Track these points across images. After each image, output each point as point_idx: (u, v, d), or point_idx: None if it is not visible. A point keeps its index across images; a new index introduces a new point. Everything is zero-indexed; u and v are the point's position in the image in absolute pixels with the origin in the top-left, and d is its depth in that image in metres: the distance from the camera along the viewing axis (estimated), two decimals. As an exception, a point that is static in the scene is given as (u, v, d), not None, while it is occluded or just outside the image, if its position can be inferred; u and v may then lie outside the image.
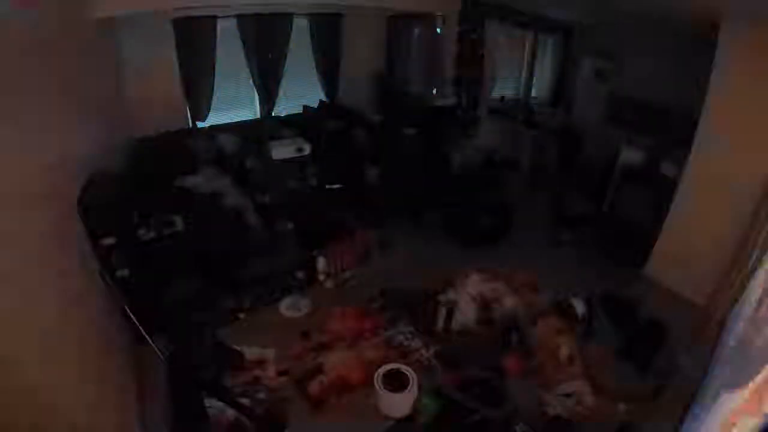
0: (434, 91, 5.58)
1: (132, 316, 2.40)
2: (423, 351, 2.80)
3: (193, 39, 4.10)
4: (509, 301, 3.03)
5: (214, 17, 4.14)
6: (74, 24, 2.67)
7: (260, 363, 2.60)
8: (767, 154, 2.93)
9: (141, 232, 2.75)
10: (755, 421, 0.83)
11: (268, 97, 4.81)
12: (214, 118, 4.58)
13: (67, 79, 2.31)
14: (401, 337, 2.90)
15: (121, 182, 2.67)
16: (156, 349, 2.40)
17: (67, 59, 2.39)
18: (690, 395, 1.54)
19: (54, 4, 2.25)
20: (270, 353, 2.68)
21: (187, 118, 4.43)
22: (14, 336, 1.29)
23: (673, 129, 4.23)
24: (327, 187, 4.03)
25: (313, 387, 2.49)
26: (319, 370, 2.60)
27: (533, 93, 6.66)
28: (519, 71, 6.42)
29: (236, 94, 4.80)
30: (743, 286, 2.70)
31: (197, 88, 4.29)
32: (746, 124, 3.00)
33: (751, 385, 0.96)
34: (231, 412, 2.15)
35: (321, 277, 3.46)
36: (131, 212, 2.74)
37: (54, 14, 2.23)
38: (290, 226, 3.67)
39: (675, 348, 2.79)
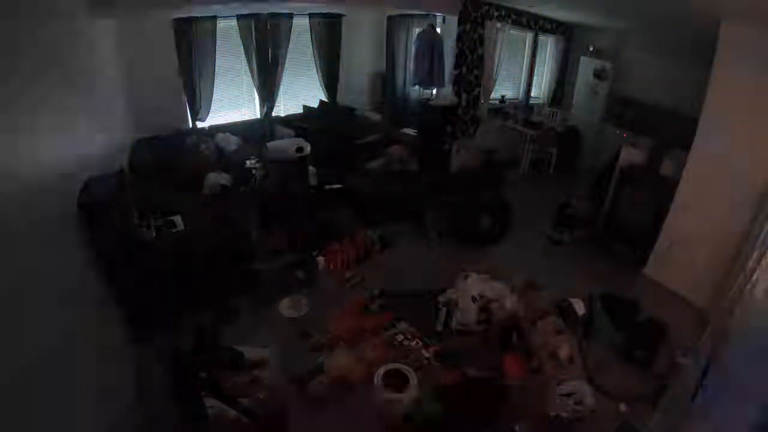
0: (434, 91, 5.59)
1: (132, 317, 2.40)
2: (423, 351, 2.79)
3: (193, 39, 4.10)
4: (509, 301, 3.03)
5: (214, 17, 4.14)
6: (74, 23, 2.67)
7: (260, 363, 2.60)
8: (766, 154, 2.94)
9: (141, 232, 2.75)
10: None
11: (268, 97, 4.81)
12: (214, 118, 4.58)
13: (67, 80, 2.31)
14: (401, 337, 2.90)
15: (121, 182, 2.67)
16: (156, 349, 2.40)
17: (67, 59, 2.39)
18: (690, 395, 1.54)
19: (54, 4, 2.25)
20: (270, 353, 2.68)
21: (188, 118, 4.44)
22: (14, 336, 1.29)
23: (673, 129, 4.22)
24: (327, 187, 4.03)
25: (313, 387, 2.49)
26: (319, 370, 2.60)
27: (533, 93, 6.66)
28: (519, 71, 6.42)
29: (236, 94, 4.81)
30: (743, 286, 2.70)
31: (197, 88, 4.30)
32: (746, 123, 3.00)
33: (749, 381, 0.96)
34: (231, 412, 2.14)
35: (321, 277, 3.46)
36: (131, 212, 2.74)
37: (54, 14, 2.23)
38: (291, 225, 3.67)
39: (675, 348, 2.79)
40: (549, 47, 6.42)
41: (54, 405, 1.46)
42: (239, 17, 4.32)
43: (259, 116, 4.92)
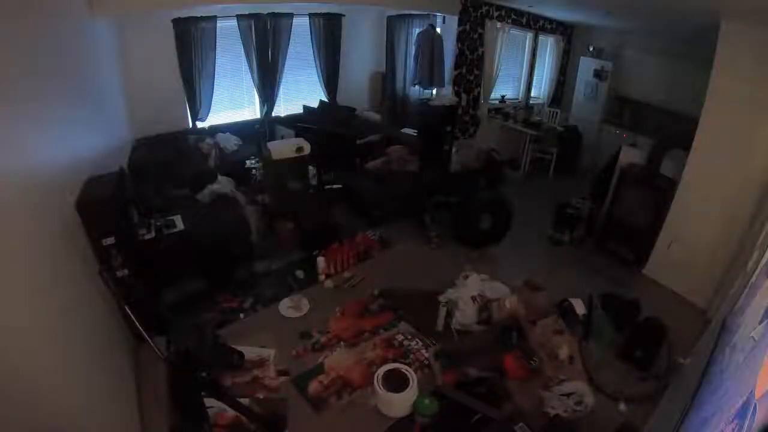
0: (434, 91, 5.59)
1: (132, 316, 2.39)
2: (423, 351, 2.79)
3: (193, 39, 4.11)
4: (509, 301, 3.03)
5: (214, 17, 4.15)
6: (75, 24, 2.67)
7: (260, 363, 2.60)
8: (766, 154, 2.94)
9: (141, 232, 2.75)
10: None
11: (268, 97, 4.81)
12: (214, 118, 4.58)
13: (67, 80, 2.31)
14: (401, 337, 2.90)
15: (121, 182, 2.67)
16: (156, 349, 2.39)
17: (68, 59, 2.39)
18: (690, 395, 1.54)
19: (54, 4, 2.25)
20: (270, 353, 2.68)
21: (188, 118, 4.44)
22: (15, 336, 1.29)
23: (673, 129, 4.23)
24: (327, 187, 4.03)
25: (313, 387, 2.49)
26: (319, 370, 2.60)
27: (533, 93, 6.66)
28: (519, 71, 6.42)
29: (236, 94, 4.81)
30: (743, 286, 2.70)
31: (197, 88, 4.30)
32: (746, 123, 3.00)
33: (751, 384, 0.97)
34: (231, 412, 2.14)
35: (321, 277, 3.46)
36: (131, 212, 2.74)
37: (54, 14, 2.23)
38: (290, 226, 3.67)
39: (675, 348, 2.79)
40: (549, 47, 6.42)
41: (52, 404, 1.46)
42: (239, 17, 4.32)
43: (259, 116, 4.92)
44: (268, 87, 4.75)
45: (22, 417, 1.27)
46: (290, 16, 4.60)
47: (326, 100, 5.31)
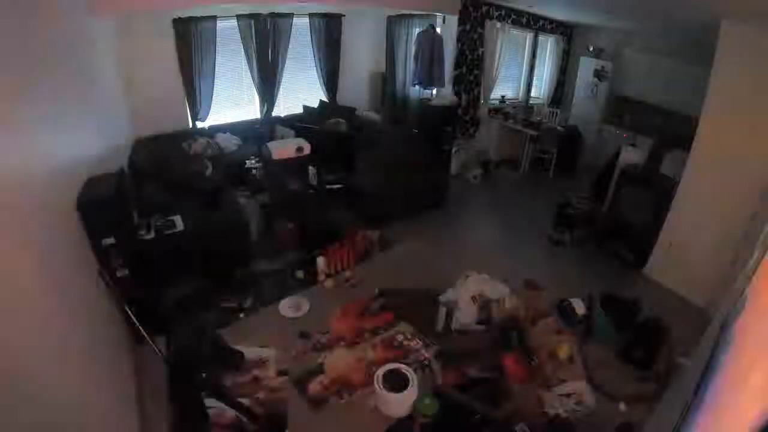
0: (434, 91, 5.59)
1: (132, 316, 2.40)
2: (423, 351, 2.79)
3: (193, 39, 4.11)
4: (509, 301, 3.03)
5: (214, 17, 4.15)
6: (75, 24, 2.67)
7: (260, 363, 2.60)
8: (767, 154, 2.94)
9: (141, 232, 2.76)
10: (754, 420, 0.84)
11: (268, 97, 4.81)
12: (214, 118, 4.58)
13: (66, 80, 2.31)
14: (401, 337, 2.90)
15: (121, 182, 2.67)
16: (156, 349, 2.40)
17: (67, 59, 2.39)
18: (690, 395, 1.54)
19: (54, 4, 2.25)
20: (270, 353, 2.68)
21: (187, 118, 4.44)
22: (15, 335, 1.29)
23: (673, 129, 4.23)
24: (327, 187, 4.03)
25: (313, 387, 2.49)
26: (319, 370, 2.60)
27: (533, 93, 6.66)
28: (519, 71, 6.42)
29: (236, 94, 4.81)
30: (743, 286, 2.70)
31: (197, 88, 4.30)
32: (746, 123, 3.00)
33: (750, 384, 0.97)
34: (231, 412, 2.14)
35: (321, 277, 3.46)
36: (131, 212, 2.74)
37: (54, 14, 2.23)
38: (290, 226, 3.67)
39: (675, 348, 2.79)
40: (549, 47, 6.42)
41: (53, 404, 1.46)
42: (239, 17, 4.32)
43: (259, 116, 4.92)
44: (268, 87, 4.76)
45: (21, 416, 1.27)
46: (290, 16, 4.60)
47: (326, 100, 5.31)
